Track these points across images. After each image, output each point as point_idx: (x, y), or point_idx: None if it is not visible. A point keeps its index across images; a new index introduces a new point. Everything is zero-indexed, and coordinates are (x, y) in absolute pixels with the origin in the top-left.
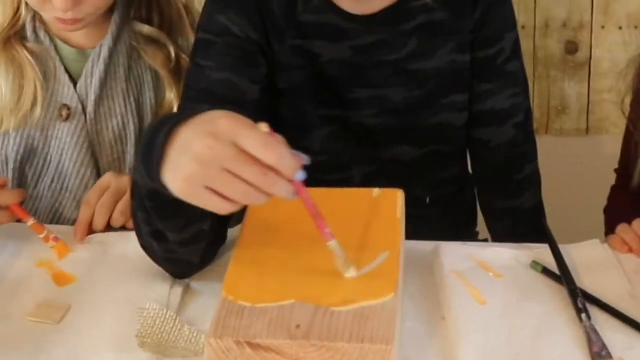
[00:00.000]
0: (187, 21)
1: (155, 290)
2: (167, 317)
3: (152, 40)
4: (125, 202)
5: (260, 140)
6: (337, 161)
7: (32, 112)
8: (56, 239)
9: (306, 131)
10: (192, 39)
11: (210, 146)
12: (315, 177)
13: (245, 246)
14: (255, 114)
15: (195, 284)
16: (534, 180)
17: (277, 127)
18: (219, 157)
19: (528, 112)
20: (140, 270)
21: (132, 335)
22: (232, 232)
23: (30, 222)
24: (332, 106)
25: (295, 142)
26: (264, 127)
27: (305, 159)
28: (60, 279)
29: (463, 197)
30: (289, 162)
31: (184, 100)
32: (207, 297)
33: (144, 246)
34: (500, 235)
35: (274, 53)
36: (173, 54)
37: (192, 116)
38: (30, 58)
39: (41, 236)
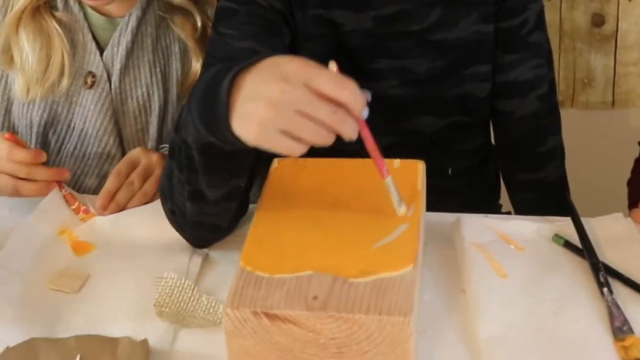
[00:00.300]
0: None
1: (174, 260)
2: (185, 286)
3: (180, 10)
4: (151, 183)
5: (334, 79)
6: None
7: (59, 83)
8: (86, 211)
9: None
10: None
11: (283, 89)
12: (336, 147)
13: (264, 216)
14: None
15: (214, 253)
16: (558, 153)
17: None
18: (293, 100)
19: (552, 84)
20: (159, 239)
21: (150, 304)
22: (252, 206)
23: (64, 192)
24: (353, 77)
25: None
26: (333, 66)
27: (369, 96)
28: (79, 248)
29: (486, 169)
30: (360, 98)
31: (206, 69)
32: (226, 267)
33: (172, 211)
34: (523, 207)
35: (296, 22)
36: (200, 24)
37: (253, 64)
38: (58, 28)
39: (73, 207)
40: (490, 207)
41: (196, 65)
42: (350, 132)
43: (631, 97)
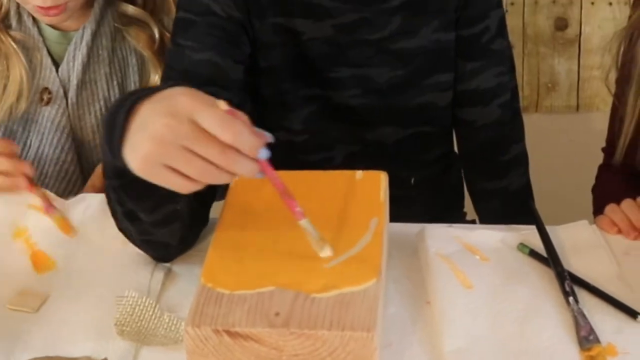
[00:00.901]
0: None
1: (136, 277)
2: (147, 304)
3: (135, 21)
4: None
5: (218, 118)
6: (319, 141)
7: (17, 105)
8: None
9: (287, 110)
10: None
11: (168, 124)
12: (298, 157)
13: (225, 231)
14: (239, 94)
15: (176, 268)
16: (521, 161)
17: (259, 106)
18: (177, 135)
19: (514, 92)
20: (120, 256)
21: (111, 323)
22: (213, 220)
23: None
24: (313, 85)
25: (277, 122)
26: (222, 104)
27: (269, 137)
28: (39, 264)
29: (449, 177)
30: (248, 139)
31: (165, 81)
32: (189, 282)
33: (120, 228)
34: (488, 216)
35: (255, 31)
36: (157, 35)
37: (154, 92)
38: (15, 47)
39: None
40: (455, 215)
41: (154, 77)
42: (247, 172)
43: (595, 101)
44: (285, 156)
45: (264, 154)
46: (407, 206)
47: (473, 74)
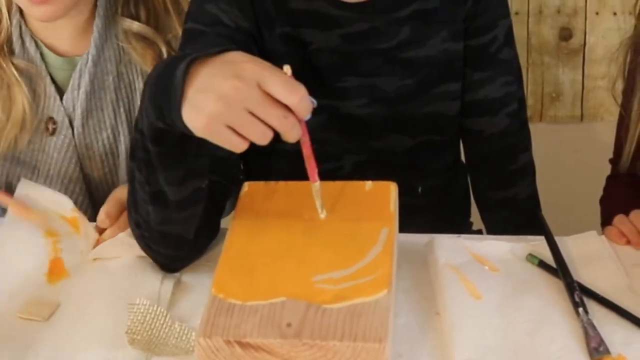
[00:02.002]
0: (175, 16)
1: (146, 286)
2: (158, 313)
3: (141, 38)
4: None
5: (287, 83)
6: (327, 151)
7: (21, 136)
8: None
9: None
10: (180, 33)
11: (236, 87)
12: (303, 166)
13: (235, 242)
14: None
15: (186, 278)
16: (529, 170)
17: None
18: (243, 98)
19: (522, 101)
20: (130, 265)
21: (122, 332)
22: (222, 230)
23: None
24: (321, 96)
25: None
26: (287, 69)
27: (315, 103)
28: (55, 271)
29: (456, 186)
30: (307, 104)
31: None
32: (198, 293)
33: (137, 224)
34: (495, 226)
35: (263, 41)
36: (164, 52)
37: (209, 56)
38: (18, 77)
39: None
40: (461, 224)
41: None
42: (295, 136)
43: (600, 111)
44: (294, 166)
45: (309, 117)
46: (414, 215)
47: (481, 84)
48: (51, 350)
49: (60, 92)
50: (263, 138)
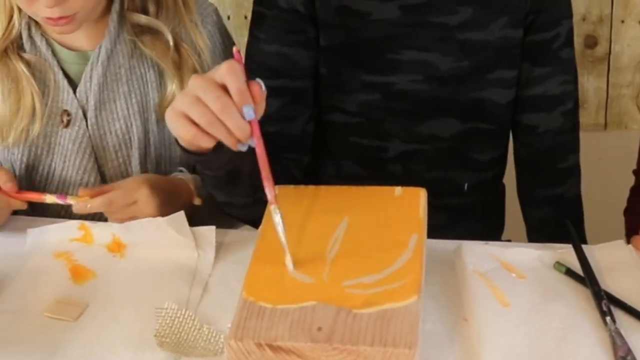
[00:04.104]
0: (183, 7)
1: (174, 290)
2: (186, 316)
3: (149, 30)
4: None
5: (226, 66)
6: (375, 127)
7: (32, 127)
8: (62, 197)
9: (343, 92)
10: (188, 25)
11: (197, 81)
12: (352, 139)
13: (265, 244)
14: (310, 81)
15: (213, 281)
16: (576, 171)
17: (316, 85)
18: (196, 87)
19: (576, 102)
20: (159, 269)
21: (150, 334)
22: (251, 232)
23: (48, 199)
24: (373, 70)
25: (332, 103)
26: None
27: (263, 86)
28: (78, 275)
29: (497, 190)
30: (238, 81)
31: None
32: (225, 296)
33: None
34: (537, 224)
35: (318, 14)
36: (172, 43)
37: None
38: (26, 71)
39: (48, 200)
40: (494, 236)
41: (171, 87)
42: (234, 125)
43: (624, 119)
44: (339, 137)
45: (249, 114)
46: (457, 217)
47: (540, 80)
48: (80, 350)
49: (74, 85)
50: (211, 126)
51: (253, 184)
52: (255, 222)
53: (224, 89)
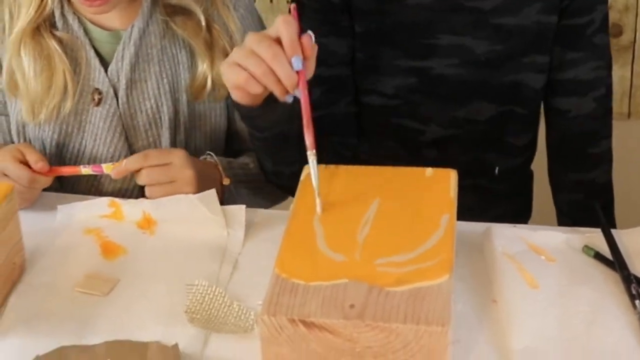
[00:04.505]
0: None
1: (205, 267)
2: (216, 293)
3: (180, 10)
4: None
5: (282, 18)
6: (412, 110)
7: (64, 104)
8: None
9: (380, 75)
10: (220, 7)
11: (253, 36)
12: (391, 120)
13: (297, 222)
14: (347, 67)
15: (243, 260)
16: (607, 157)
17: (352, 70)
18: (251, 41)
19: (609, 88)
20: (189, 246)
21: (180, 310)
22: (280, 212)
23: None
24: (409, 55)
25: (369, 86)
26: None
27: (313, 37)
28: (108, 251)
29: (526, 176)
30: (290, 31)
31: None
32: (255, 273)
33: (272, 173)
34: (568, 208)
35: (353, 1)
36: (203, 22)
37: None
38: (58, 48)
39: (83, 171)
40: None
41: (203, 66)
42: (283, 73)
43: None
44: (377, 119)
45: (297, 64)
46: (488, 201)
47: (572, 64)
48: (111, 325)
49: (105, 64)
50: (256, 66)
51: (301, 151)
52: None
53: (278, 42)
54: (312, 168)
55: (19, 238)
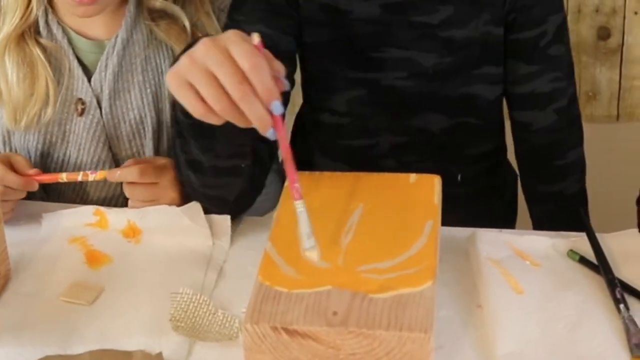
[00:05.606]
0: None
1: (189, 275)
2: (201, 301)
3: (164, 15)
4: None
5: (245, 48)
6: (364, 126)
7: (44, 111)
8: (93, 172)
9: (331, 91)
10: (203, 16)
11: (205, 47)
12: (342, 142)
13: (281, 230)
14: (290, 65)
15: (228, 266)
16: (578, 167)
17: (305, 85)
18: (208, 57)
19: (572, 98)
20: (175, 255)
21: (165, 318)
22: (265, 219)
23: (64, 177)
24: (358, 68)
25: (321, 103)
26: (255, 37)
27: (286, 85)
28: (93, 259)
29: (501, 182)
30: (264, 74)
31: None
32: (241, 282)
33: (183, 183)
34: (542, 219)
35: (301, 9)
36: (188, 28)
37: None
38: (42, 56)
39: (79, 179)
40: (506, 223)
41: None
42: (255, 115)
43: (636, 111)
44: (329, 140)
45: (277, 109)
46: (452, 206)
47: (528, 77)
48: (96, 334)
49: (89, 74)
50: (217, 102)
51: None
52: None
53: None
54: (302, 219)
55: (4, 247)
